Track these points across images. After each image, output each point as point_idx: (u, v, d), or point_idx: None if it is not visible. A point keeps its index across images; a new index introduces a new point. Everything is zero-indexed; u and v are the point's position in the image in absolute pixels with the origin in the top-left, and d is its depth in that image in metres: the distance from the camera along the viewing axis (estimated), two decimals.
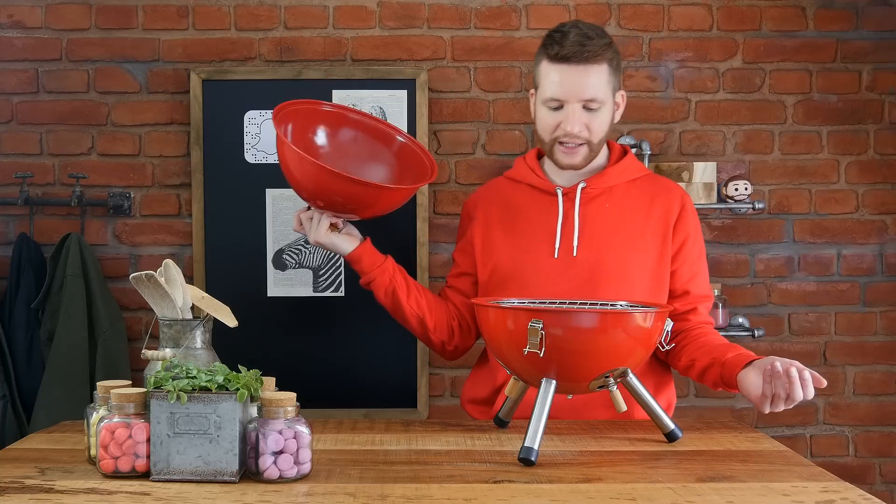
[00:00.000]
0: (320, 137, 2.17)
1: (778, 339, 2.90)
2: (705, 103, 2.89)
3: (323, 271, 2.80)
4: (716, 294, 2.73)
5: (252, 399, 1.45)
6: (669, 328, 1.97)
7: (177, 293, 1.72)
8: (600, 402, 1.94)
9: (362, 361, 2.82)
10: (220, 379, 1.41)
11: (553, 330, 1.51)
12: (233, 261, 2.81)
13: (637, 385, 1.67)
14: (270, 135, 2.79)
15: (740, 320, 2.77)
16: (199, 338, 1.70)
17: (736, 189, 2.72)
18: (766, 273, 2.91)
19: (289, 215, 2.78)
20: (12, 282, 2.73)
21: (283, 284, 2.80)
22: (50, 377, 2.64)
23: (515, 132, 2.87)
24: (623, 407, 1.64)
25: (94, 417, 1.51)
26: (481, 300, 1.69)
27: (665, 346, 1.97)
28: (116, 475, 1.42)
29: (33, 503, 1.32)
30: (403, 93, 2.81)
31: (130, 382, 1.55)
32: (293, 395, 1.43)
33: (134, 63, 2.84)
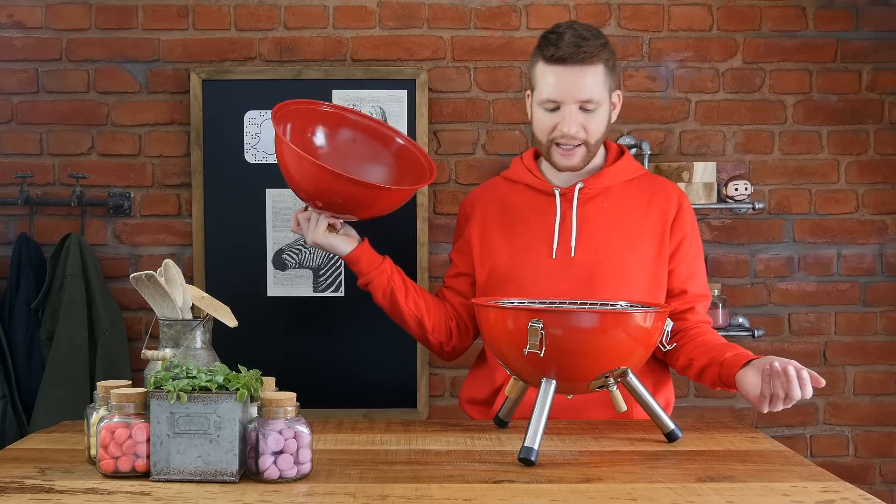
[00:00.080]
0: (319, 138, 2.17)
1: (778, 339, 2.90)
2: (705, 103, 2.89)
3: (323, 271, 2.80)
4: (716, 294, 2.73)
5: (252, 399, 1.45)
6: (670, 328, 1.97)
7: (177, 293, 1.73)
8: (600, 402, 1.94)
9: (362, 361, 2.82)
10: (220, 379, 1.41)
11: (553, 330, 1.51)
12: (233, 261, 2.81)
13: (637, 385, 1.67)
14: (270, 135, 2.79)
15: (740, 320, 2.77)
16: (199, 338, 1.70)
17: (736, 189, 2.72)
18: (766, 273, 2.91)
19: (289, 215, 2.78)
20: (12, 282, 2.73)
21: (283, 284, 2.80)
22: (50, 377, 2.63)
23: (515, 132, 2.87)
24: (623, 407, 1.64)
25: (94, 417, 1.51)
26: (481, 300, 1.69)
27: (666, 346, 1.97)
28: (116, 475, 1.42)
29: (33, 503, 1.32)
30: (403, 93, 2.81)
31: (130, 382, 1.55)
32: (293, 395, 1.43)
33: (134, 63, 2.84)
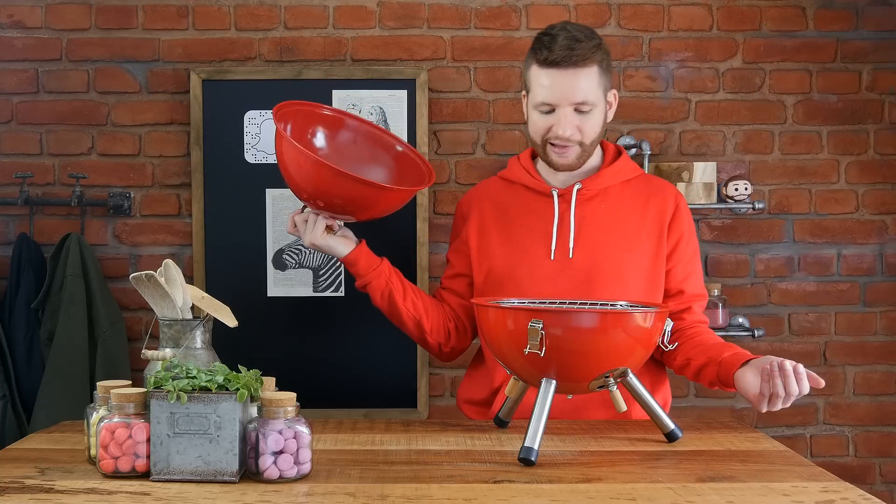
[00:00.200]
0: (319, 139, 2.17)
1: (778, 339, 2.90)
2: (705, 103, 2.89)
3: (323, 271, 2.80)
4: (716, 294, 2.73)
5: (252, 399, 1.45)
6: (670, 328, 1.97)
7: (177, 293, 1.72)
8: (599, 403, 1.94)
9: (362, 361, 2.82)
10: (220, 379, 1.41)
11: (553, 330, 1.51)
12: (233, 261, 2.81)
13: (637, 385, 1.67)
14: (270, 135, 2.79)
15: (740, 320, 2.77)
16: (199, 338, 1.70)
17: (736, 189, 2.72)
18: (766, 273, 2.91)
19: (289, 215, 2.77)
20: (12, 282, 2.73)
21: (283, 284, 2.80)
22: (50, 377, 2.63)
23: (515, 132, 2.87)
24: (623, 407, 1.64)
25: (94, 417, 1.51)
26: (481, 300, 1.69)
27: (667, 347, 1.97)
28: (116, 475, 1.42)
29: (33, 503, 1.32)
30: (403, 93, 2.81)
31: (130, 382, 1.55)
32: (293, 395, 1.43)
33: (134, 63, 2.84)
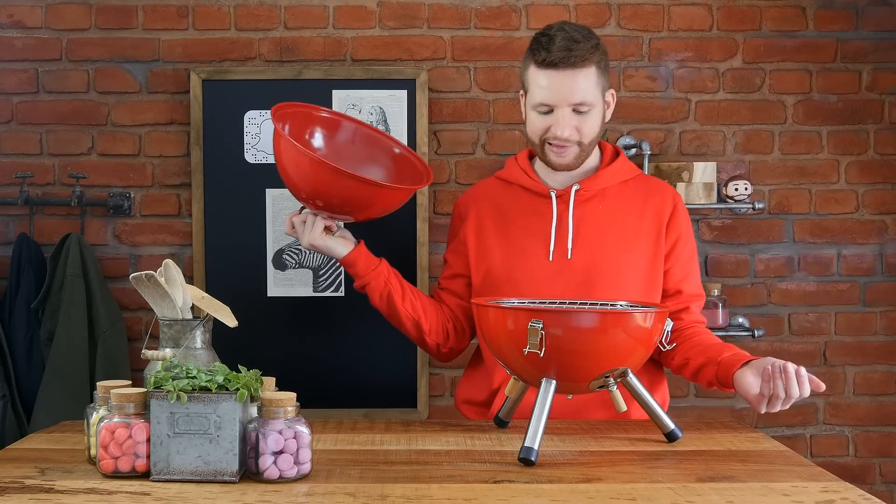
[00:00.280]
0: (317, 139, 2.16)
1: (778, 339, 2.90)
2: (705, 103, 2.89)
3: (323, 271, 2.80)
4: (716, 294, 2.73)
5: (252, 399, 1.45)
6: (670, 328, 1.97)
7: (177, 293, 1.72)
8: (598, 403, 1.94)
9: (362, 361, 2.82)
10: (220, 379, 1.41)
11: (553, 330, 1.51)
12: (233, 261, 2.81)
13: (637, 385, 1.67)
14: (270, 135, 2.79)
15: (740, 320, 2.77)
16: (199, 338, 1.70)
17: (736, 189, 2.72)
18: (766, 273, 2.91)
19: (286, 216, 2.77)
20: (12, 282, 2.73)
21: (283, 284, 2.80)
22: (50, 377, 2.63)
23: (515, 132, 2.87)
24: (623, 407, 1.64)
25: (94, 417, 1.51)
26: (481, 300, 1.69)
27: (667, 347, 1.97)
28: (116, 475, 1.42)
29: (33, 503, 1.32)
30: (403, 93, 2.81)
31: (130, 382, 1.55)
32: (293, 395, 1.43)
33: (134, 63, 2.84)
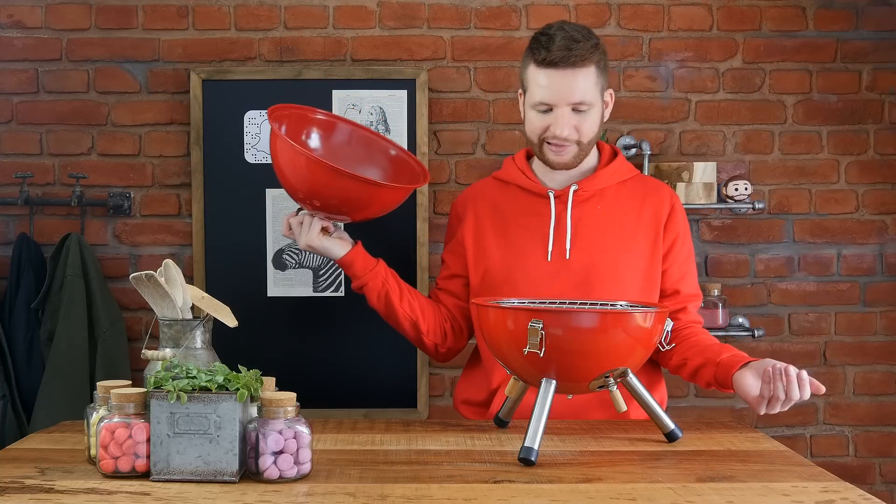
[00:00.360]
0: (314, 140, 2.16)
1: (778, 339, 2.90)
2: (705, 103, 2.89)
3: (323, 271, 2.80)
4: (716, 294, 2.73)
5: (252, 399, 1.45)
6: (670, 328, 1.97)
7: (177, 293, 1.72)
8: (597, 404, 1.94)
9: (362, 361, 2.82)
10: (220, 379, 1.41)
11: (553, 330, 1.51)
12: (233, 261, 2.81)
13: (637, 385, 1.67)
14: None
15: (740, 320, 2.77)
16: (199, 338, 1.70)
17: (736, 189, 2.72)
18: (766, 273, 2.91)
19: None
20: (12, 282, 2.73)
21: (283, 284, 2.80)
22: (50, 377, 2.63)
23: (515, 132, 2.87)
24: (623, 407, 1.64)
25: (94, 417, 1.51)
26: (481, 300, 1.69)
27: (667, 347, 1.97)
28: (116, 475, 1.42)
29: (33, 503, 1.32)
30: (403, 93, 2.81)
31: (130, 382, 1.55)
32: (293, 395, 1.43)
33: (134, 63, 2.84)
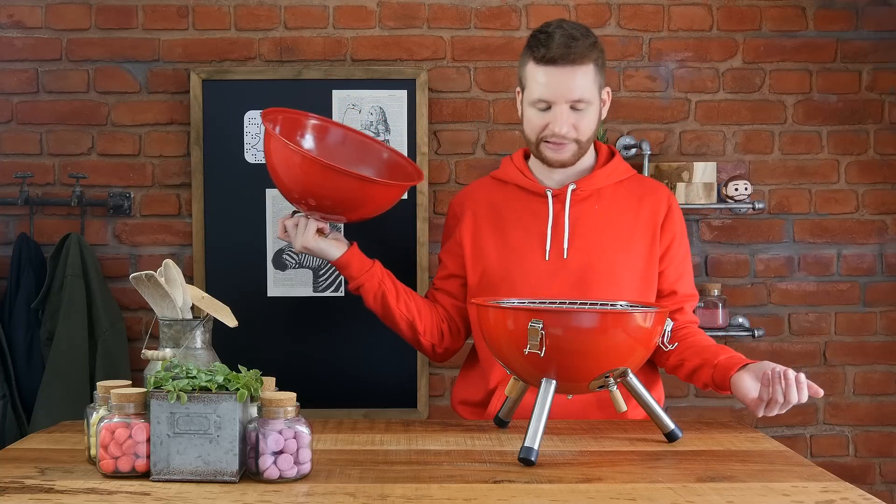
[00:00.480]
0: (308, 142, 2.16)
1: (778, 339, 2.90)
2: (705, 103, 2.89)
3: (323, 271, 2.80)
4: (716, 294, 2.73)
5: (252, 399, 1.45)
6: (670, 328, 1.97)
7: (177, 293, 1.72)
8: (596, 404, 1.94)
9: (362, 361, 2.82)
10: (220, 379, 1.41)
11: (553, 330, 1.51)
12: (233, 261, 2.81)
13: (637, 385, 1.67)
14: None
15: (740, 320, 2.77)
16: (199, 338, 1.70)
17: (736, 189, 2.72)
18: (766, 273, 2.91)
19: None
20: (12, 282, 2.73)
21: (283, 284, 2.80)
22: (50, 377, 2.63)
23: (515, 132, 2.87)
24: (623, 407, 1.64)
25: (94, 417, 1.51)
26: (481, 300, 1.69)
27: (668, 347, 1.97)
28: (116, 475, 1.42)
29: (33, 503, 1.32)
30: (403, 93, 2.81)
31: (130, 382, 1.55)
32: (293, 395, 1.43)
33: (134, 63, 2.84)
